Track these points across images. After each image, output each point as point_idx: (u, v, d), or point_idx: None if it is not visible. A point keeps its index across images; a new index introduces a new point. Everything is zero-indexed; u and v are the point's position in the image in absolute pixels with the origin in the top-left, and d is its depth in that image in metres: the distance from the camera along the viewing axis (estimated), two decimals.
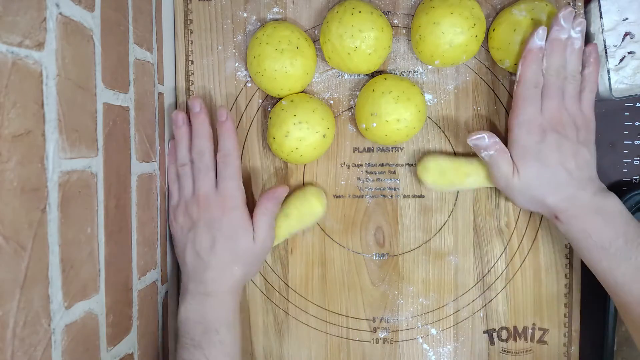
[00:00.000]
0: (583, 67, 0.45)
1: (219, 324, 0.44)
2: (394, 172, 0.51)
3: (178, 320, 0.45)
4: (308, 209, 0.49)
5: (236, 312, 0.46)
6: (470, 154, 0.50)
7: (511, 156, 0.45)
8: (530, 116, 0.44)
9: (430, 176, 0.49)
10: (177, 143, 0.48)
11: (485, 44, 0.49)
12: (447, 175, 0.48)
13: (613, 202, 0.43)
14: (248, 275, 0.48)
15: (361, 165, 0.51)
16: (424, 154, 0.50)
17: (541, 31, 0.44)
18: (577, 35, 0.44)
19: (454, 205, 0.51)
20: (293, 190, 0.51)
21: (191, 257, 0.46)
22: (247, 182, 0.51)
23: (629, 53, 0.47)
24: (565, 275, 0.51)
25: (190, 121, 0.48)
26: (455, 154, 0.51)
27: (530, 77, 0.44)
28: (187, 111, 0.49)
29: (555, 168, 0.43)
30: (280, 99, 0.49)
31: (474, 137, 0.45)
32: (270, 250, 0.49)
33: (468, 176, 0.48)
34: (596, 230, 0.42)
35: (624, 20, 0.47)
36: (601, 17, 0.46)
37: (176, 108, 0.52)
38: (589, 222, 0.43)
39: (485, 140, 0.45)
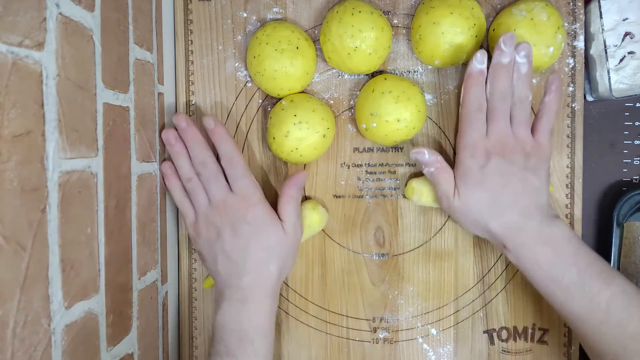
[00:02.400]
0: (545, 94, 0.45)
1: (254, 333, 0.43)
2: (394, 172, 0.51)
3: (213, 326, 0.44)
4: (307, 223, 0.49)
5: (272, 319, 0.45)
6: None
7: (455, 178, 0.45)
8: (475, 139, 0.44)
9: (414, 196, 0.49)
10: (176, 161, 0.47)
11: (486, 44, 0.49)
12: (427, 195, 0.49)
13: (561, 230, 0.42)
14: (283, 273, 0.46)
15: (361, 165, 0.51)
16: (410, 177, 0.51)
17: (479, 55, 0.44)
18: (522, 60, 0.43)
19: None
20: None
21: (224, 266, 0.44)
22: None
23: (629, 53, 0.47)
24: None
25: (181, 137, 0.47)
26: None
27: (472, 101, 0.44)
28: (176, 128, 0.48)
29: (497, 193, 0.43)
30: (280, 99, 0.49)
31: (414, 152, 0.46)
32: (300, 241, 0.48)
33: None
34: (546, 261, 0.41)
35: (624, 20, 0.47)
36: (601, 17, 0.46)
37: (176, 109, 0.52)
38: (538, 252, 0.42)
39: (425, 155, 0.45)
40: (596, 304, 0.40)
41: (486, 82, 0.44)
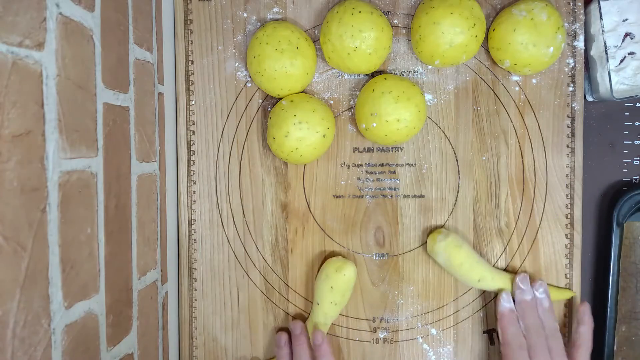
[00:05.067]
0: (578, 324, 0.47)
1: None
2: (394, 172, 0.51)
3: None
4: (346, 284, 0.49)
5: None
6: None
7: None
8: None
9: (440, 257, 0.49)
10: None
11: (485, 44, 0.49)
12: (458, 267, 0.49)
13: None
14: None
15: (361, 165, 0.51)
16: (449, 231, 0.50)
17: (505, 295, 0.48)
18: (542, 295, 0.48)
19: (454, 205, 0.51)
20: (322, 271, 0.50)
21: None
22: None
23: (629, 54, 0.47)
24: (565, 275, 0.51)
25: (290, 341, 0.49)
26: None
27: (512, 340, 0.46)
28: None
29: None
30: (280, 99, 0.49)
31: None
32: None
33: (478, 280, 0.49)
34: None
35: (624, 21, 0.47)
36: (601, 18, 0.46)
37: (176, 109, 0.52)
38: None
39: None
40: None
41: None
